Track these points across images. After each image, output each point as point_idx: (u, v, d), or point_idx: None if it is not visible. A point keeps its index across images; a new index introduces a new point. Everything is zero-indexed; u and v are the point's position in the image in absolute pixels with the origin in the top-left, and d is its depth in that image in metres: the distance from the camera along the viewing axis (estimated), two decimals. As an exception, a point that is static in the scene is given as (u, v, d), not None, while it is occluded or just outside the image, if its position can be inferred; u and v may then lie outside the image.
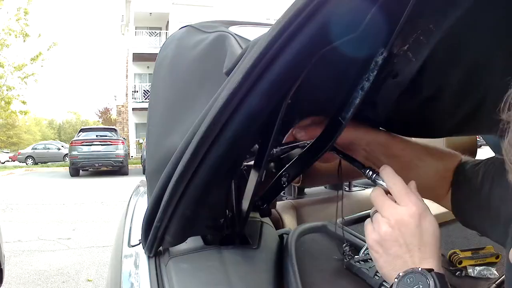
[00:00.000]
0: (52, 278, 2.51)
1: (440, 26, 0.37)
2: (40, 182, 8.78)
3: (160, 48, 0.69)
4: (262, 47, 0.33)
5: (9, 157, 22.11)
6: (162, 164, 0.48)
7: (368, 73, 0.39)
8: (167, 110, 0.59)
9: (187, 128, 0.43)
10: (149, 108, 0.64)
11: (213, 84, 0.46)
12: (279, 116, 0.40)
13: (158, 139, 0.58)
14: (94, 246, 3.27)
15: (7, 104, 12.09)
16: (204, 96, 0.48)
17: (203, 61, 0.54)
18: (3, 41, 11.50)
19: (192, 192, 0.43)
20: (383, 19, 0.33)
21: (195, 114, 0.43)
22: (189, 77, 0.56)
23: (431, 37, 0.37)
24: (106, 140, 9.92)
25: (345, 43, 0.34)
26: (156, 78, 0.64)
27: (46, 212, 4.88)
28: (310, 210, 0.93)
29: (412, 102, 0.46)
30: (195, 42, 0.57)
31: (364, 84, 0.39)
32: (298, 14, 0.31)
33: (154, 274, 0.50)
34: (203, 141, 0.38)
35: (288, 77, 0.35)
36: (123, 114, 18.09)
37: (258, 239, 0.62)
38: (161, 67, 0.64)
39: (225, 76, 0.42)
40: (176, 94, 0.57)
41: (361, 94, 0.40)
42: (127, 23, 18.12)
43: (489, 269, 0.61)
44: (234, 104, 0.36)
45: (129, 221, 0.74)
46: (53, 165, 14.59)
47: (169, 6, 16.83)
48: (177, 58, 0.61)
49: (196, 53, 0.56)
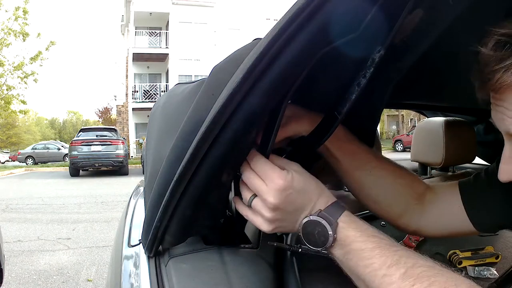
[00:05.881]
0: (52, 278, 2.51)
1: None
2: (40, 182, 8.79)
3: (154, 104, 0.77)
4: (262, 47, 0.33)
5: (9, 157, 22.13)
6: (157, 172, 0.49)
7: (365, 70, 0.39)
8: (160, 133, 0.63)
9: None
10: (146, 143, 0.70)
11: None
12: (279, 116, 0.40)
13: (155, 151, 0.60)
14: (94, 246, 3.27)
15: (7, 103, 12.10)
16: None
17: (189, 97, 0.56)
18: (3, 40, 11.51)
19: (192, 192, 0.43)
20: (382, 18, 0.33)
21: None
22: (177, 110, 0.59)
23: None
24: (106, 140, 9.91)
25: (344, 43, 0.34)
26: (151, 124, 0.70)
27: (46, 212, 4.88)
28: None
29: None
30: (183, 89, 0.63)
31: (361, 81, 0.40)
32: (299, 14, 0.31)
33: (154, 274, 0.50)
34: (203, 141, 0.38)
35: (288, 76, 0.35)
36: (123, 114, 18.10)
37: (258, 239, 0.62)
38: (155, 113, 0.70)
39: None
40: (168, 125, 0.60)
41: (357, 90, 0.40)
42: (127, 23, 18.12)
43: (489, 269, 0.61)
44: (234, 104, 0.36)
45: (129, 221, 0.75)
46: (53, 165, 14.59)
47: (169, 6, 16.84)
48: (167, 103, 0.67)
49: (184, 93, 0.60)
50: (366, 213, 0.85)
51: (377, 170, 0.52)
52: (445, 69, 0.59)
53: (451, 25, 0.44)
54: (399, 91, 0.73)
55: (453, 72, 0.60)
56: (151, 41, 17.36)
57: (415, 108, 1.49)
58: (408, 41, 0.43)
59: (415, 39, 0.44)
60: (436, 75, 0.62)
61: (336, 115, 0.43)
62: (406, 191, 0.52)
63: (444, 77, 0.64)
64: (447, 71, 0.60)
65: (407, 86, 0.67)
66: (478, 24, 0.36)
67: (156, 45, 17.33)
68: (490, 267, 0.62)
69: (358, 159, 0.51)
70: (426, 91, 0.73)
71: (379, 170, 0.52)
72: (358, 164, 0.52)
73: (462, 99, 1.01)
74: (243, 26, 16.99)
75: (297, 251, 0.58)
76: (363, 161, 0.52)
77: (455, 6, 0.40)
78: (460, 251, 0.64)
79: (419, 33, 0.43)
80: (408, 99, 0.97)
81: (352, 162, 0.52)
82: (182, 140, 0.43)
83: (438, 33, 0.45)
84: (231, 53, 0.47)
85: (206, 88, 0.45)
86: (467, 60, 0.41)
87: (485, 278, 0.60)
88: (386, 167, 0.52)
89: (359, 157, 0.51)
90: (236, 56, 0.43)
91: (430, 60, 0.53)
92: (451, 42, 0.50)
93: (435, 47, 0.49)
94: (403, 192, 0.52)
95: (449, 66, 0.57)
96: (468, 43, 0.35)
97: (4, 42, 11.54)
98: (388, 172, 0.52)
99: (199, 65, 16.61)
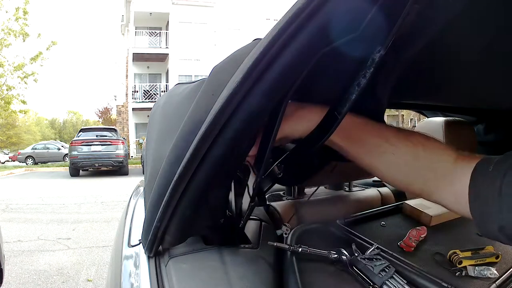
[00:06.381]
0: (52, 278, 2.51)
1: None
2: (40, 182, 8.78)
3: (154, 104, 0.77)
4: (262, 47, 0.33)
5: (9, 157, 22.12)
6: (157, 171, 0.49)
7: (365, 70, 0.39)
8: (160, 133, 0.63)
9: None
10: (146, 143, 0.71)
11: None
12: (279, 116, 0.40)
13: (155, 151, 0.61)
14: (94, 246, 3.27)
15: (7, 103, 12.10)
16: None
17: (189, 97, 0.56)
18: (3, 40, 11.51)
19: (192, 192, 0.43)
20: (382, 18, 0.33)
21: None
22: (177, 110, 0.59)
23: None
24: (106, 140, 9.91)
25: (344, 43, 0.34)
26: (151, 124, 0.70)
27: (46, 212, 4.88)
28: (310, 210, 0.93)
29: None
30: (183, 89, 0.63)
31: (361, 81, 0.40)
32: (299, 14, 0.31)
33: (154, 274, 0.50)
34: (203, 141, 0.38)
35: (288, 77, 0.35)
36: (123, 114, 18.10)
37: (258, 239, 0.62)
38: (155, 113, 0.70)
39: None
40: (168, 125, 0.60)
41: (357, 90, 0.40)
42: (127, 23, 18.12)
43: (489, 269, 0.61)
44: (234, 104, 0.36)
45: (129, 221, 0.75)
46: (53, 165, 14.59)
47: (169, 6, 16.84)
48: (167, 103, 0.67)
49: (184, 93, 0.60)
50: (366, 213, 0.85)
51: (387, 155, 0.48)
52: (445, 68, 0.59)
53: (451, 23, 0.44)
54: (399, 91, 0.73)
55: (454, 72, 0.60)
56: (151, 41, 17.35)
57: (415, 108, 1.49)
58: (406, 37, 0.43)
59: (413, 36, 0.45)
60: (436, 75, 0.62)
61: (336, 115, 0.43)
62: (423, 173, 0.47)
63: (444, 76, 0.64)
64: (447, 71, 0.60)
65: (407, 86, 0.67)
66: (478, 22, 0.36)
67: (156, 45, 17.33)
68: (490, 267, 0.62)
69: (366, 145, 0.49)
70: (427, 91, 0.73)
71: (388, 155, 0.48)
72: (365, 151, 0.49)
73: (462, 99, 1.01)
74: (243, 26, 16.99)
75: (297, 251, 0.58)
76: (371, 146, 0.48)
77: (454, 3, 0.40)
78: (460, 251, 0.64)
79: (418, 29, 0.43)
80: (408, 99, 0.97)
81: (359, 150, 0.49)
82: (182, 140, 0.43)
83: (436, 30, 0.45)
84: (231, 53, 0.47)
85: (206, 88, 0.45)
86: (467, 60, 0.41)
87: (485, 278, 0.60)
88: (399, 150, 0.47)
89: (366, 143, 0.49)
90: (236, 56, 0.43)
91: (430, 59, 0.53)
92: (452, 41, 0.50)
93: (435, 46, 0.49)
94: (422, 173, 0.47)
95: (449, 65, 0.57)
96: (469, 42, 0.35)
97: (4, 43, 11.54)
98: (400, 155, 0.47)
99: (199, 65, 16.61)
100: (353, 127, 0.48)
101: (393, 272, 0.56)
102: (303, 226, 0.73)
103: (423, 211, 0.84)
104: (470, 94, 0.76)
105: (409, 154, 0.47)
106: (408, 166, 0.47)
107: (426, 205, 0.87)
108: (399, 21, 0.34)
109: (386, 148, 0.48)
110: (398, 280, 0.55)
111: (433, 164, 0.46)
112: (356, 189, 1.17)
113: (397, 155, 0.47)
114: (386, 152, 0.48)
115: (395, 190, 1.17)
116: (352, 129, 0.48)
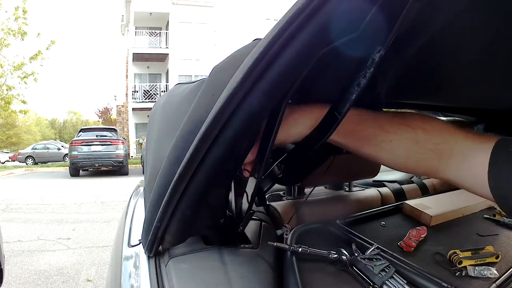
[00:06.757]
0: (52, 278, 2.51)
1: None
2: (40, 182, 8.78)
3: (154, 104, 0.77)
4: (262, 47, 0.33)
5: (9, 157, 22.11)
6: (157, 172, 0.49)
7: (365, 70, 0.39)
8: (160, 133, 0.63)
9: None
10: (146, 141, 0.71)
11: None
12: (279, 116, 0.40)
13: (154, 151, 0.61)
14: (94, 246, 3.27)
15: (7, 103, 12.10)
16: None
17: (189, 97, 0.56)
18: (3, 40, 11.50)
19: (192, 192, 0.43)
20: (382, 18, 0.33)
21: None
22: (177, 110, 0.59)
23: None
24: (106, 140, 9.90)
25: (344, 43, 0.34)
26: (151, 124, 0.70)
27: (46, 212, 4.87)
28: (310, 210, 0.93)
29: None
30: (183, 89, 0.63)
31: (361, 81, 0.39)
32: (299, 14, 0.31)
33: (154, 274, 0.50)
34: (203, 141, 0.38)
35: (288, 77, 0.35)
36: (123, 114, 18.09)
37: (258, 239, 0.62)
38: (155, 113, 0.70)
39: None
40: (168, 125, 0.60)
41: (357, 90, 0.40)
42: (127, 23, 18.11)
43: (489, 269, 0.61)
44: (234, 104, 0.36)
45: (129, 221, 0.75)
46: (53, 165, 14.58)
47: (169, 6, 16.83)
48: (167, 103, 0.67)
49: (184, 93, 0.60)
50: (366, 213, 0.85)
51: (385, 143, 0.47)
52: (445, 68, 0.59)
53: (451, 23, 0.44)
54: (398, 91, 0.73)
55: (454, 72, 0.60)
56: (151, 41, 17.35)
57: (415, 108, 1.49)
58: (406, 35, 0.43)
59: (413, 36, 0.44)
60: (436, 75, 0.62)
61: (336, 115, 0.43)
62: (426, 157, 0.46)
63: (444, 76, 0.64)
64: (447, 71, 0.60)
65: (407, 85, 0.67)
66: (478, 22, 0.36)
67: (156, 45, 17.32)
68: (490, 267, 0.62)
69: (362, 137, 0.48)
70: (426, 90, 0.73)
71: (387, 143, 0.47)
72: (362, 143, 0.48)
73: (462, 99, 1.01)
74: (243, 26, 16.99)
75: (297, 251, 0.58)
76: (367, 137, 0.48)
77: (455, 2, 0.40)
78: (460, 251, 0.64)
79: (418, 28, 0.43)
80: (408, 99, 0.97)
81: (356, 143, 0.49)
82: (182, 140, 0.43)
83: (436, 30, 0.44)
84: (231, 53, 0.47)
85: (206, 88, 0.45)
86: (467, 60, 0.41)
87: (485, 278, 0.60)
88: (397, 137, 0.47)
89: (362, 135, 0.48)
90: (236, 56, 0.43)
91: (430, 59, 0.53)
92: (452, 41, 0.50)
93: (435, 46, 0.49)
94: (425, 156, 0.46)
95: (449, 65, 0.57)
96: (469, 42, 0.35)
97: (3, 42, 11.54)
98: (399, 142, 0.47)
99: (199, 65, 16.61)
100: (347, 121, 0.46)
101: (393, 272, 0.56)
102: (303, 226, 0.73)
103: (423, 211, 0.84)
104: (470, 94, 0.76)
105: (409, 139, 0.47)
106: (408, 150, 0.47)
107: (426, 205, 0.87)
108: (400, 21, 0.34)
109: (383, 136, 0.47)
110: (398, 280, 0.55)
111: (437, 146, 0.45)
112: (356, 189, 1.17)
113: (396, 141, 0.47)
114: (384, 141, 0.47)
115: (395, 190, 1.17)
116: (346, 123, 0.46)
